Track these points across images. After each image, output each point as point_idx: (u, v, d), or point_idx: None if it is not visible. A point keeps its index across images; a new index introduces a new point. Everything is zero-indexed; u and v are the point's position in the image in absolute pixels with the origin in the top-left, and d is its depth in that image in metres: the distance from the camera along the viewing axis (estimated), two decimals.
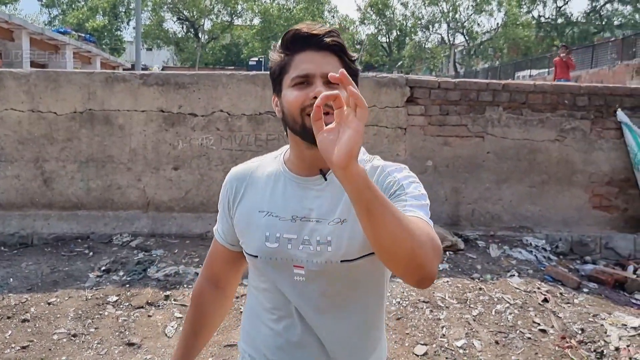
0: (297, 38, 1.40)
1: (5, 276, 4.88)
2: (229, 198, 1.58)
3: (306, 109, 1.34)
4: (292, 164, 1.51)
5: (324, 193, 1.46)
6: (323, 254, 1.42)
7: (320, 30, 1.39)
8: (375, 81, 6.06)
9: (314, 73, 1.36)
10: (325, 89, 1.30)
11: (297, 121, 1.38)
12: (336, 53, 1.41)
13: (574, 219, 6.30)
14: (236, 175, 1.59)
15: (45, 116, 5.87)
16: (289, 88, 1.39)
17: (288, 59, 1.41)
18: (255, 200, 1.52)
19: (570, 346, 3.90)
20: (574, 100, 6.20)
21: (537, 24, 42.99)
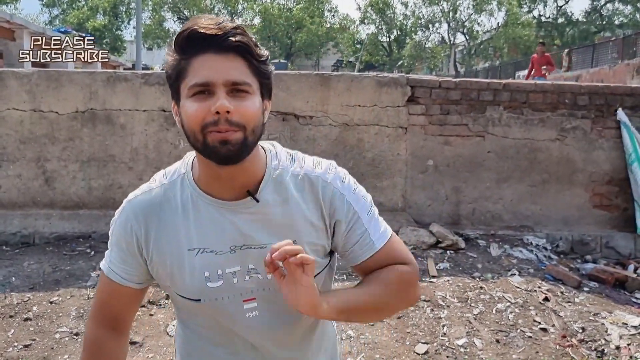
0: (194, 38, 1.18)
1: (8, 275, 4.90)
2: (137, 239, 1.31)
3: (208, 126, 1.16)
4: (208, 185, 1.30)
5: (260, 216, 1.29)
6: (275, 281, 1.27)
7: (220, 29, 1.17)
8: (376, 81, 6.07)
9: (215, 81, 1.16)
10: (229, 100, 1.16)
11: (198, 139, 1.18)
12: (242, 55, 1.19)
13: (574, 218, 6.31)
14: (140, 209, 1.32)
15: (47, 116, 5.89)
16: (188, 99, 1.19)
17: (185, 63, 1.20)
18: (178, 238, 1.29)
19: (571, 345, 3.91)
20: (574, 100, 6.21)
21: (537, 24, 42.98)
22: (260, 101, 1.24)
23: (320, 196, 1.33)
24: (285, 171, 1.34)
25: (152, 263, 1.33)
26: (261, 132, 1.24)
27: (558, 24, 42.32)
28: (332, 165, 1.40)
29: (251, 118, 1.19)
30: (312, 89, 5.96)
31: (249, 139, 1.19)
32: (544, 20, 43.26)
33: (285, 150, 1.39)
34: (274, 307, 1.34)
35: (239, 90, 1.18)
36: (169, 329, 4.05)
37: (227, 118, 1.16)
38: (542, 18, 43.46)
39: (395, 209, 6.20)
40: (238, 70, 1.19)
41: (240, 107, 1.17)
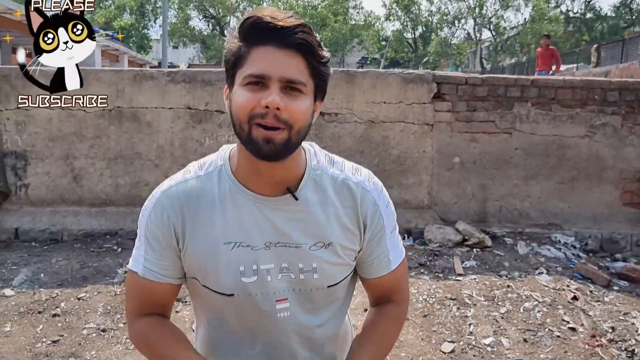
0: (258, 28, 1.16)
1: (36, 271, 4.96)
2: (174, 228, 1.28)
3: (255, 117, 1.15)
4: (247, 180, 1.28)
5: (298, 214, 1.29)
6: (308, 282, 1.30)
7: (287, 22, 1.15)
8: (402, 77, 6.04)
9: (271, 75, 1.15)
10: (281, 97, 1.15)
11: (243, 129, 1.17)
12: (303, 53, 1.17)
13: (604, 215, 6.22)
14: (177, 199, 1.29)
15: (75, 114, 5.95)
16: (241, 87, 1.18)
17: (245, 51, 1.18)
18: (214, 231, 1.27)
19: (601, 345, 3.85)
20: (604, 96, 6.11)
21: (565, 19, 42.44)
22: (311, 102, 1.23)
23: (359, 202, 1.33)
24: (325, 173, 1.34)
25: (185, 255, 1.30)
26: (306, 133, 1.24)
27: (586, 19, 41.74)
28: (371, 175, 1.40)
29: (299, 118, 1.18)
30: (338, 86, 5.94)
31: (292, 139, 1.19)
32: (571, 16, 42.70)
33: (323, 152, 1.39)
34: (306, 308, 1.34)
35: (293, 88, 1.17)
36: (194, 326, 4.06)
37: (275, 114, 1.15)
38: (569, 13, 42.90)
39: (421, 207, 6.16)
40: (296, 68, 1.17)
41: (291, 106, 1.16)
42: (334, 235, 1.30)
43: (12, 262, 5.21)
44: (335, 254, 1.31)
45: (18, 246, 5.65)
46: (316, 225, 1.30)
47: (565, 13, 43.00)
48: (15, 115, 5.90)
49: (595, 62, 23.51)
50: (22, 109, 5.90)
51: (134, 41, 42.59)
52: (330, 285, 1.33)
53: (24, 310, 4.26)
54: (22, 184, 5.98)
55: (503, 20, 45.21)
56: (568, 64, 29.38)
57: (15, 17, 12.91)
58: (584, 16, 42.18)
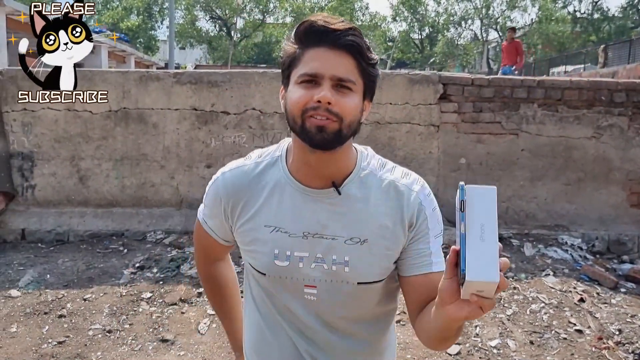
0: (311, 31, 1.26)
1: (42, 272, 4.98)
2: (224, 209, 1.43)
3: (308, 111, 1.24)
4: (298, 171, 1.36)
5: (339, 208, 1.35)
6: (339, 274, 1.34)
7: (339, 26, 1.25)
8: (408, 78, 6.03)
9: (323, 74, 1.24)
10: (332, 94, 1.23)
11: (297, 122, 1.26)
12: (352, 54, 1.26)
13: (611, 217, 6.19)
14: (231, 184, 1.42)
15: (81, 115, 5.97)
16: (295, 85, 1.28)
17: (299, 53, 1.28)
18: (259, 214, 1.38)
19: (608, 347, 3.84)
20: (611, 97, 6.08)
21: (572, 19, 42.32)
22: (360, 100, 1.31)
23: (405, 203, 1.37)
24: (373, 174, 1.40)
25: (236, 233, 1.44)
26: (356, 130, 1.31)
27: (594, 20, 41.62)
28: (420, 179, 1.45)
29: (349, 112, 1.26)
30: None
31: (343, 131, 1.26)
32: (579, 16, 42.58)
33: (377, 156, 1.46)
34: (333, 297, 1.37)
35: (343, 86, 1.25)
36: (200, 327, 4.07)
37: (327, 107, 1.23)
38: (577, 14, 42.78)
39: None
40: (346, 67, 1.26)
41: (341, 101, 1.24)
42: (371, 232, 1.34)
43: (18, 262, 5.23)
44: (370, 251, 1.34)
45: (24, 247, 5.67)
46: (354, 221, 1.35)
47: (573, 13, 42.88)
48: (21, 117, 5.93)
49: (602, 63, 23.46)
50: (29, 110, 5.92)
51: (141, 42, 42.69)
52: (361, 283, 1.35)
53: (30, 311, 4.28)
54: (28, 185, 6.00)
55: (510, 21, 45.15)
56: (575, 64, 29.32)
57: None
58: (591, 17, 42.06)
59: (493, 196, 0.99)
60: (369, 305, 1.42)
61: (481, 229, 0.97)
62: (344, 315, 1.40)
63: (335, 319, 1.40)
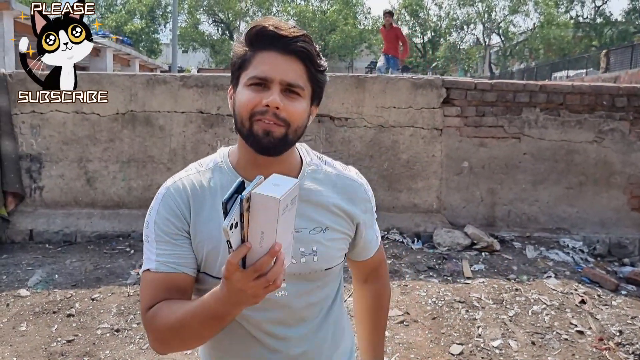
0: (263, 35, 1.28)
1: (51, 272, 5.04)
2: (184, 217, 1.33)
3: (256, 114, 1.25)
4: (247, 173, 1.33)
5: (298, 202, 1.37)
6: (308, 265, 1.36)
7: (289, 32, 1.26)
8: (411, 82, 6.09)
9: (273, 78, 1.25)
10: (281, 98, 1.24)
11: (244, 125, 1.27)
12: (302, 60, 1.29)
13: (612, 220, 6.24)
14: (183, 190, 1.35)
15: (89, 117, 6.04)
16: (245, 87, 1.28)
17: (250, 55, 1.29)
18: (215, 220, 1.31)
19: (608, 348, 3.89)
20: (612, 101, 6.14)
21: (575, 24, 42.34)
22: (308, 106, 1.33)
23: (353, 194, 1.46)
24: (319, 169, 1.45)
25: (196, 242, 1.33)
26: (302, 133, 1.33)
27: (596, 24, 41.63)
28: (358, 172, 1.54)
29: (296, 118, 1.28)
30: (348, 91, 6.01)
31: (289, 136, 1.28)
32: (581, 21, 42.61)
33: (313, 152, 1.50)
34: (302, 290, 1.39)
35: (291, 91, 1.27)
36: None
37: (275, 112, 1.24)
38: (579, 18, 42.82)
39: (430, 211, 6.21)
40: (296, 73, 1.28)
41: (289, 107, 1.26)
42: (329, 219, 1.40)
43: (27, 263, 5.29)
44: (332, 237, 1.40)
45: (32, 247, 5.73)
46: (313, 211, 1.38)
47: (575, 18, 42.92)
48: (30, 119, 6.00)
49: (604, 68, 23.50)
50: (37, 113, 5.99)
51: (144, 45, 42.77)
52: (327, 268, 1.41)
53: (39, 310, 4.34)
54: (36, 187, 6.07)
55: (512, 25, 45.20)
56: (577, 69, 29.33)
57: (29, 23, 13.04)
58: (594, 21, 42.07)
59: (275, 207, 0.98)
60: (329, 288, 1.47)
61: (261, 236, 1.00)
62: (311, 302, 1.42)
63: (303, 308, 1.41)
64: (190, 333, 1.24)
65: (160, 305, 1.28)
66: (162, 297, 1.30)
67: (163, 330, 1.27)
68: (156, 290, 1.30)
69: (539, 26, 42.20)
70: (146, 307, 1.31)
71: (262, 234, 1.00)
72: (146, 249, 1.35)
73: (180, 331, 1.23)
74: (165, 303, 1.28)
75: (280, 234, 1.01)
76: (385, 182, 6.16)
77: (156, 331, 1.29)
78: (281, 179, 1.04)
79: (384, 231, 5.90)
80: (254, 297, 1.07)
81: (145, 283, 1.33)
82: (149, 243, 1.34)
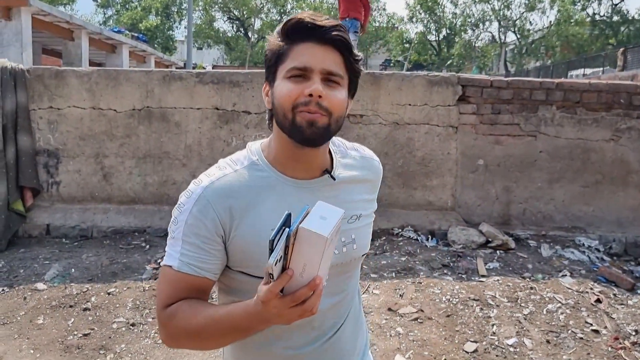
0: (299, 27, 1.27)
1: (67, 267, 5.08)
2: (220, 222, 1.29)
3: (299, 106, 1.24)
4: (285, 167, 1.35)
5: (334, 192, 1.38)
6: (349, 254, 1.39)
7: (326, 23, 1.26)
8: (427, 80, 6.08)
9: (313, 67, 1.25)
10: (322, 87, 1.24)
11: (287, 117, 1.26)
12: (339, 49, 1.28)
13: (628, 219, 6.20)
14: (222, 193, 1.31)
15: (106, 113, 6.08)
16: (284, 79, 1.27)
17: (286, 48, 1.29)
18: (260, 217, 1.30)
19: (624, 347, 3.86)
20: (629, 100, 6.09)
21: (591, 22, 42.00)
22: (347, 95, 1.33)
23: (376, 176, 1.54)
24: (344, 153, 1.48)
25: (231, 245, 1.31)
26: (341, 125, 1.33)
27: (613, 22, 41.29)
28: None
29: (338, 107, 1.28)
30: (363, 87, 6.00)
31: (332, 126, 1.28)
32: (598, 19, 42.26)
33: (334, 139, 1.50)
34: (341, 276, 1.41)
35: (331, 80, 1.27)
36: None
37: (317, 101, 1.24)
38: (596, 16, 42.47)
39: (444, 208, 6.20)
40: (334, 62, 1.28)
41: (331, 96, 1.26)
42: (361, 207, 1.45)
43: (43, 257, 5.34)
44: (365, 223, 1.45)
45: (49, 242, 5.79)
46: (347, 201, 1.40)
47: (592, 16, 42.56)
48: (47, 114, 6.05)
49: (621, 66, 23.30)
50: (55, 108, 6.05)
51: (159, 42, 42.95)
52: (364, 254, 1.46)
53: (55, 304, 4.39)
54: (53, 182, 6.13)
55: (529, 23, 44.90)
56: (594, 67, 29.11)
57: (47, 19, 13.15)
58: (611, 19, 41.73)
59: (322, 244, 0.98)
60: (355, 278, 1.50)
61: (303, 267, 1.01)
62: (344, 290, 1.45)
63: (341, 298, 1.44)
64: (209, 339, 1.25)
65: (180, 305, 1.29)
66: (181, 297, 1.30)
67: (180, 331, 1.28)
68: (175, 289, 1.30)
69: (555, 24, 41.89)
70: (164, 303, 1.31)
71: (305, 265, 1.01)
72: (170, 244, 1.34)
73: (200, 335, 1.25)
74: (186, 303, 1.29)
75: (323, 265, 1.03)
76: (400, 179, 6.15)
77: (172, 330, 1.29)
78: (327, 210, 1.04)
79: (399, 228, 5.89)
80: (287, 321, 1.09)
81: (164, 278, 1.32)
82: (175, 240, 1.32)
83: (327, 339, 1.43)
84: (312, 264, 1.01)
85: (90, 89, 6.03)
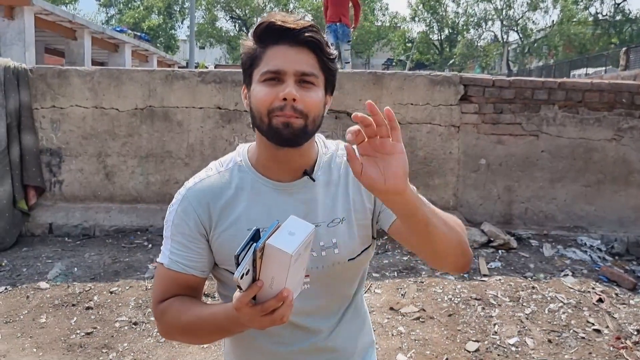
0: (270, 30, 1.28)
1: (70, 266, 5.10)
2: (201, 221, 1.35)
3: (275, 110, 1.25)
4: (266, 168, 1.38)
5: (313, 195, 1.38)
6: (329, 258, 1.37)
7: (297, 24, 1.27)
8: (429, 79, 6.08)
9: (286, 70, 1.25)
10: (296, 89, 1.24)
11: (264, 121, 1.27)
12: (313, 50, 1.29)
13: (630, 219, 6.20)
14: (202, 194, 1.37)
15: (108, 112, 6.09)
16: (259, 83, 1.28)
17: (260, 51, 1.30)
18: (238, 219, 1.35)
19: (625, 347, 3.87)
20: (632, 99, 6.09)
21: (594, 21, 41.94)
22: (323, 94, 1.33)
23: None
24: (333, 156, 1.45)
25: (215, 245, 1.37)
26: (320, 123, 1.33)
27: (615, 22, 41.23)
28: None
29: (313, 108, 1.28)
30: (365, 87, 6.01)
31: (309, 127, 1.28)
32: (600, 18, 42.20)
33: (329, 140, 1.51)
34: (325, 282, 1.40)
35: (306, 81, 1.28)
36: None
37: (292, 105, 1.24)
38: (598, 15, 42.41)
39: (446, 208, 6.20)
40: (308, 63, 1.28)
41: (305, 97, 1.26)
42: (345, 210, 1.40)
43: (46, 256, 5.36)
44: (351, 227, 1.40)
45: (52, 241, 5.81)
46: (329, 204, 1.39)
47: (594, 15, 42.51)
48: (50, 114, 6.06)
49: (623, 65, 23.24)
50: (57, 108, 6.06)
51: (161, 42, 42.98)
52: (351, 259, 1.41)
53: (58, 303, 4.40)
54: (56, 180, 6.14)
55: (531, 22, 44.86)
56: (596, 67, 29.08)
57: (50, 18, 13.16)
58: (613, 18, 41.67)
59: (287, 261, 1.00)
60: (352, 279, 1.48)
61: (272, 279, 1.04)
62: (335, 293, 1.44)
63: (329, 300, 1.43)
64: (197, 335, 1.34)
65: (171, 302, 1.37)
66: (173, 292, 1.38)
67: (171, 327, 1.37)
68: (167, 285, 1.38)
69: (558, 23, 41.85)
70: (157, 299, 1.39)
71: (273, 278, 1.04)
72: (164, 242, 1.41)
73: (189, 332, 1.34)
74: (177, 300, 1.36)
75: (291, 279, 1.05)
76: None
77: (165, 325, 1.39)
78: (297, 225, 1.06)
79: None
80: (260, 327, 1.12)
81: (158, 275, 1.41)
82: (166, 239, 1.40)
83: (322, 338, 1.45)
84: (280, 278, 1.04)
85: (92, 88, 6.04)
